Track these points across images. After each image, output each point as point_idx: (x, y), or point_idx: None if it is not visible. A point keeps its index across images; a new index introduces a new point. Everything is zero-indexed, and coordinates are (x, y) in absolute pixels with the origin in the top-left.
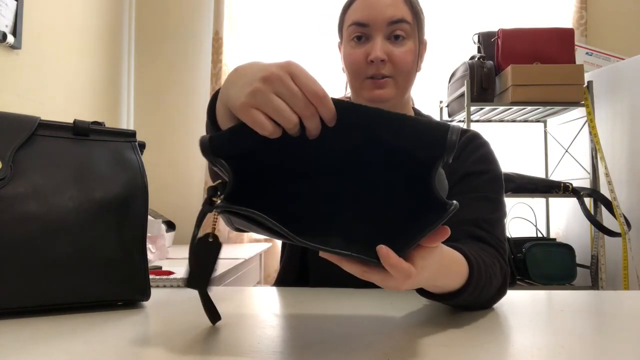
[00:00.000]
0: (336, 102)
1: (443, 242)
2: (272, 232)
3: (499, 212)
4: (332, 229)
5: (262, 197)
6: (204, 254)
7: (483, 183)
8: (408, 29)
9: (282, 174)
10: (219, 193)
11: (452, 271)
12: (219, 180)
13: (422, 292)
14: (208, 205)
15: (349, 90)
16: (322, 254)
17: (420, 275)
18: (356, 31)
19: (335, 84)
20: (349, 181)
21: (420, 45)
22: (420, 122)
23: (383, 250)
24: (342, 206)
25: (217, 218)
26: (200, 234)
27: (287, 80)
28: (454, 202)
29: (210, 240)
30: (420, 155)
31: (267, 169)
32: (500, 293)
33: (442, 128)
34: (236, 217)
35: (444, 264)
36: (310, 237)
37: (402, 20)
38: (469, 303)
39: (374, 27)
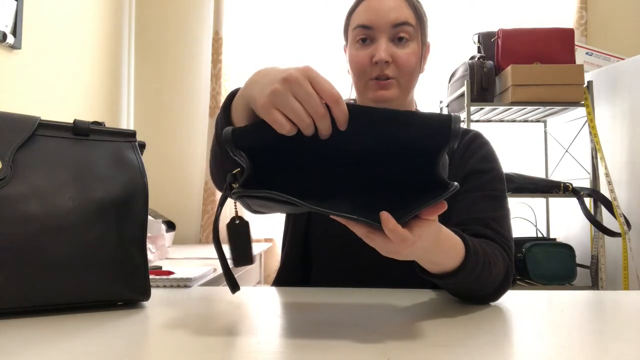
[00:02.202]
0: (348, 105)
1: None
2: (286, 204)
3: (505, 209)
4: (340, 203)
5: (276, 184)
6: (238, 236)
7: (488, 181)
8: (411, 31)
9: (295, 165)
10: (237, 180)
11: (447, 248)
12: (238, 169)
13: (422, 272)
14: (228, 191)
15: (353, 92)
16: (332, 216)
17: (416, 244)
18: (361, 33)
19: (334, 83)
20: (357, 169)
21: (423, 47)
22: (425, 115)
23: (384, 215)
24: (349, 189)
25: (236, 202)
26: (224, 219)
27: (305, 82)
28: (455, 182)
29: (237, 222)
30: (426, 144)
31: (282, 162)
32: (503, 286)
33: (445, 118)
34: (252, 199)
35: (440, 239)
36: (319, 204)
37: (406, 22)
38: (467, 288)
39: (378, 30)
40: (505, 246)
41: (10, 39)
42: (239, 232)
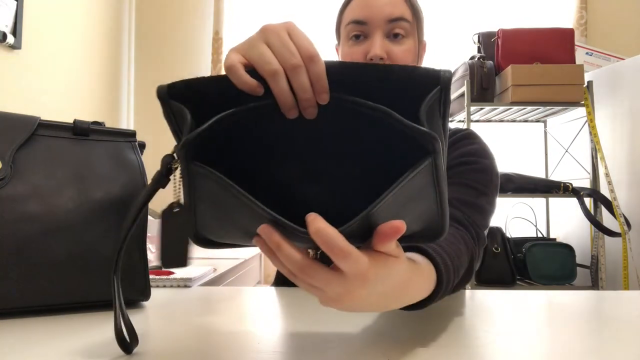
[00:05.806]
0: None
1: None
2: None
3: (482, 201)
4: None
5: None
6: (174, 228)
7: (469, 171)
8: (408, 27)
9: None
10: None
11: (416, 287)
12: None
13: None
14: (164, 177)
15: None
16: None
17: (369, 281)
18: (354, 29)
19: None
20: (330, 158)
21: (420, 46)
22: (409, 66)
23: (311, 216)
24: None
25: (179, 185)
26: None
27: (282, 32)
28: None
29: (176, 209)
30: (412, 95)
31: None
32: (466, 279)
33: (432, 69)
34: (202, 180)
35: (406, 282)
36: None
37: (402, 18)
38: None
39: (373, 25)
40: (470, 227)
41: (10, 39)
42: (178, 223)
